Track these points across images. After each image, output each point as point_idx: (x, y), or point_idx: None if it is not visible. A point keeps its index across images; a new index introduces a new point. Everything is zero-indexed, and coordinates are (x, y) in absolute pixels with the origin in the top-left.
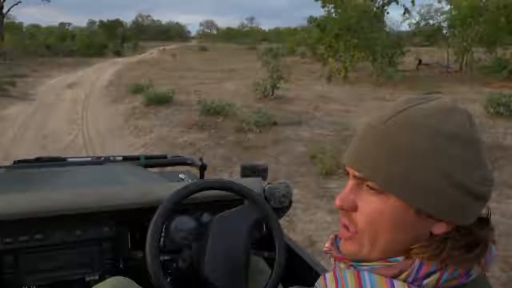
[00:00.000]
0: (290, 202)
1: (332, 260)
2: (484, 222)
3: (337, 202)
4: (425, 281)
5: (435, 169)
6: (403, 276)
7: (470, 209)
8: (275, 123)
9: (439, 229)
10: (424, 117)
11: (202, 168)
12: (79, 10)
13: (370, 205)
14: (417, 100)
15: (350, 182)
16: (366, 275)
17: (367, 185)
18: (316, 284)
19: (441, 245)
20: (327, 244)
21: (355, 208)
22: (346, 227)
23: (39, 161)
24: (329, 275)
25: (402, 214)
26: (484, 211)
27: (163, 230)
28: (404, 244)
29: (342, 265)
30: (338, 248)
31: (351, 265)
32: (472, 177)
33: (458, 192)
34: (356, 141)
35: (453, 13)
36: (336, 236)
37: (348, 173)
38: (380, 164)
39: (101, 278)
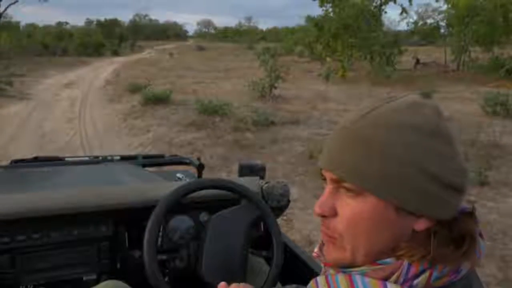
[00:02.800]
0: (288, 201)
1: (322, 264)
2: (468, 216)
3: (317, 209)
4: (416, 281)
5: (408, 163)
6: (393, 277)
7: (448, 202)
8: (273, 123)
9: (421, 225)
10: (393, 114)
11: (200, 167)
12: (77, 9)
13: (349, 208)
14: (387, 99)
15: (328, 187)
16: (358, 278)
17: (344, 187)
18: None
19: (427, 244)
20: (316, 250)
21: (335, 214)
22: (326, 233)
23: (37, 161)
24: (321, 280)
25: (382, 213)
26: (469, 206)
27: (161, 229)
28: (387, 244)
29: (331, 271)
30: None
31: (341, 271)
32: (446, 169)
33: (433, 184)
34: (330, 144)
35: (451, 12)
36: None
37: (325, 178)
38: (355, 164)
39: (99, 278)
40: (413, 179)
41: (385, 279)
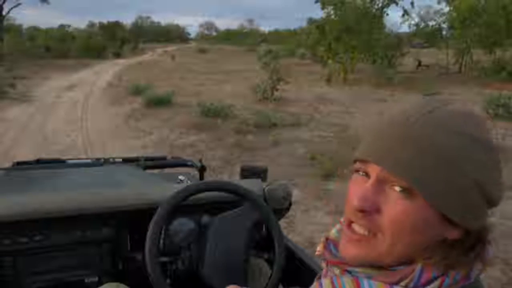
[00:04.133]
0: (290, 203)
1: (323, 264)
2: None
3: (358, 202)
4: None
5: (467, 174)
6: (403, 283)
7: (484, 214)
8: (274, 125)
9: (454, 234)
10: (455, 120)
11: (202, 169)
12: (79, 12)
13: (398, 207)
14: (441, 102)
15: (372, 181)
16: (365, 282)
17: (394, 185)
18: None
19: (449, 250)
20: (318, 248)
21: (377, 210)
22: (352, 229)
23: (39, 163)
24: (326, 282)
25: (427, 217)
26: None
27: (163, 231)
28: (419, 248)
29: (336, 271)
30: (331, 251)
31: (346, 271)
32: (495, 184)
33: (482, 198)
34: (381, 138)
35: (453, 14)
36: (327, 239)
37: (358, 171)
38: (414, 164)
39: (100, 280)
40: (468, 190)
41: (394, 283)
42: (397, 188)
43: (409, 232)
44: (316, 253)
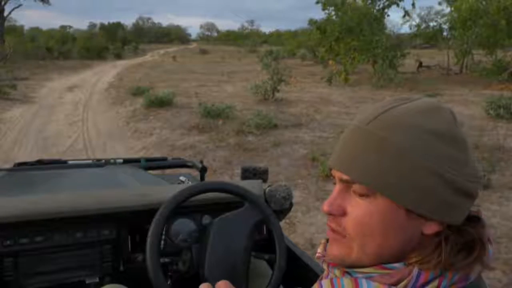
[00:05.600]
0: (291, 204)
1: (325, 265)
2: (476, 220)
3: (325, 207)
4: None
5: (423, 167)
6: (401, 284)
7: (459, 207)
8: (275, 126)
9: (430, 229)
10: (409, 116)
11: (203, 170)
12: (80, 13)
13: (359, 208)
14: (401, 100)
15: (338, 186)
16: (364, 282)
17: (355, 188)
18: None
19: (440, 251)
20: (319, 250)
21: (343, 213)
22: (333, 230)
23: (40, 164)
24: (325, 283)
25: (392, 215)
26: (475, 210)
27: (164, 232)
28: (396, 247)
29: (336, 272)
30: None
31: (346, 272)
32: (459, 174)
33: (447, 189)
34: (341, 144)
35: (454, 15)
36: (327, 241)
37: (334, 177)
38: (367, 166)
39: (101, 281)
40: (426, 183)
41: (392, 285)
42: (356, 190)
43: (377, 233)
44: (317, 255)
